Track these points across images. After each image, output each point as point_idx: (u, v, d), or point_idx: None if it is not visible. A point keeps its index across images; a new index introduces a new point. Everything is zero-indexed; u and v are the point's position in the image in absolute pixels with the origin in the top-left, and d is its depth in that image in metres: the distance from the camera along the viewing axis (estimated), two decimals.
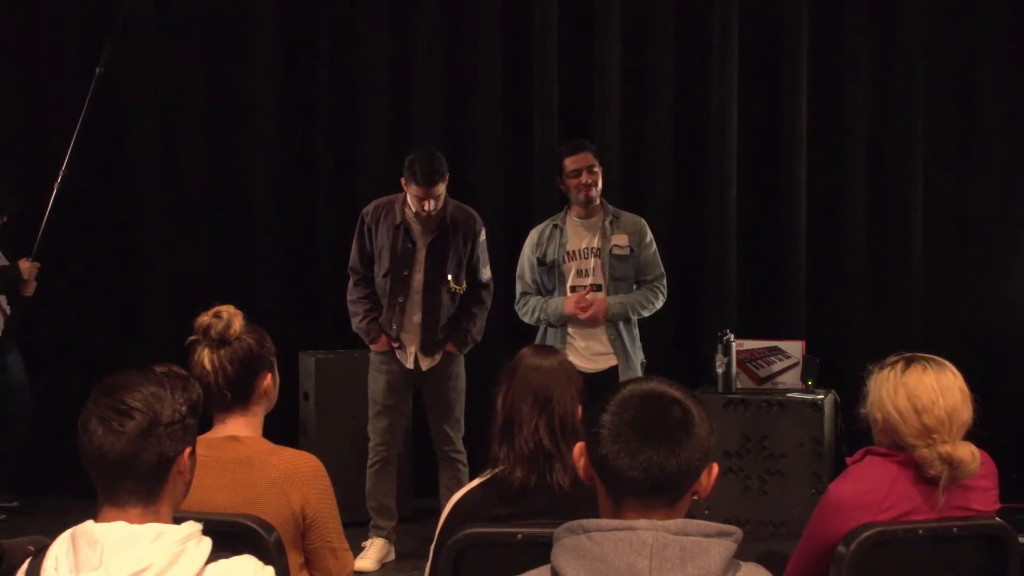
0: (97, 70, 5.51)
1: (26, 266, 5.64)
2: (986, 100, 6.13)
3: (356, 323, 5.04)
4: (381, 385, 5.03)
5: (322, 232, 6.41)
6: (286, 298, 6.41)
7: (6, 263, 5.73)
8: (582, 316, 4.85)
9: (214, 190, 6.50)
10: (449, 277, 4.98)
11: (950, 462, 2.48)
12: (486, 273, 5.14)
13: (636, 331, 5.02)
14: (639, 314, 4.99)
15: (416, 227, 4.96)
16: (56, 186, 5.49)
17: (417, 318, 4.97)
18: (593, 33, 6.32)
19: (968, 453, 2.50)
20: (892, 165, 6.21)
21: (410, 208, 4.94)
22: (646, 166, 6.34)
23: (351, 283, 5.08)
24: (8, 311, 5.72)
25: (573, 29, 6.34)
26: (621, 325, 4.92)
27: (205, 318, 2.62)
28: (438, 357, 5.01)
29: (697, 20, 6.28)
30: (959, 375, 2.58)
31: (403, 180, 4.88)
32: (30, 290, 5.67)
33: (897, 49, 6.18)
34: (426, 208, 4.82)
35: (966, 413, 2.54)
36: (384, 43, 6.42)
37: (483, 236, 5.11)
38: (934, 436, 2.50)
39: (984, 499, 2.61)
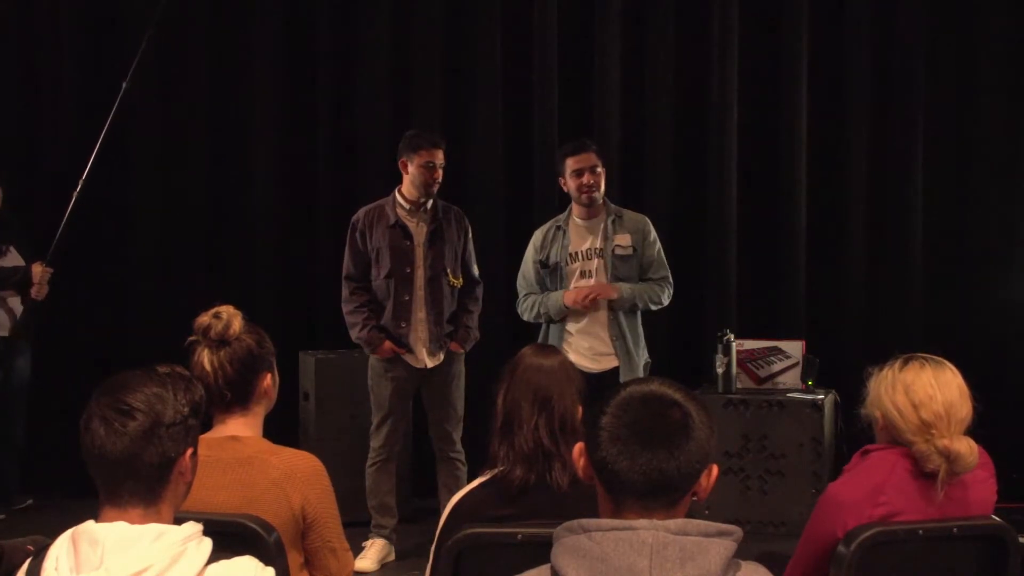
0: (124, 85, 5.48)
1: (38, 270, 5.63)
2: (986, 101, 6.13)
3: (356, 333, 5.02)
4: (388, 392, 5.01)
5: (322, 232, 6.41)
6: (286, 298, 6.41)
7: (22, 263, 5.73)
8: (583, 304, 4.81)
9: (214, 190, 6.50)
10: (448, 271, 5.00)
11: (947, 455, 2.49)
12: (476, 269, 5.18)
13: (640, 331, 5.00)
14: (647, 305, 4.94)
15: (411, 224, 4.98)
16: (75, 195, 5.48)
17: (422, 314, 4.97)
18: (593, 33, 6.32)
19: (966, 447, 2.50)
20: (892, 166, 6.21)
21: (402, 207, 4.98)
22: (646, 166, 6.34)
23: (347, 292, 5.05)
24: (18, 312, 5.71)
25: (573, 29, 6.34)
26: (624, 325, 4.89)
27: (205, 318, 2.62)
28: (442, 355, 5.02)
29: (697, 19, 6.28)
30: (958, 373, 2.59)
31: (403, 161, 4.95)
32: (40, 293, 5.65)
33: (897, 49, 6.18)
34: (435, 176, 4.90)
35: (964, 409, 2.55)
36: (384, 43, 6.43)
37: (471, 232, 5.16)
38: (932, 431, 2.51)
39: (982, 489, 2.61)
